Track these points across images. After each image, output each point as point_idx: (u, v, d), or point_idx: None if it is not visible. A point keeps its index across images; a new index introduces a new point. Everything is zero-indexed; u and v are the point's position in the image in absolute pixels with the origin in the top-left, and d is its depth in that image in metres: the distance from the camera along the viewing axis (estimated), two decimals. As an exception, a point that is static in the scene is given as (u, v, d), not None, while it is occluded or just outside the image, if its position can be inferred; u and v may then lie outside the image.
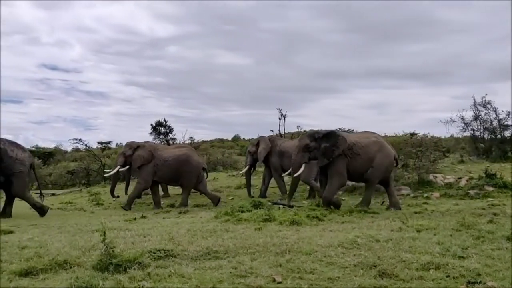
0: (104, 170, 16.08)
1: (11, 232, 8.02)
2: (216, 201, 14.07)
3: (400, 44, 64.26)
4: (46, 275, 4.70)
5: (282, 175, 14.45)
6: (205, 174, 14.76)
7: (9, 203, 12.14)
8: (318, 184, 13.34)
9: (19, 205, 14.24)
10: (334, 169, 11.22)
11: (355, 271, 4.78)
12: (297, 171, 11.60)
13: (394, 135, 24.72)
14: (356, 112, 62.99)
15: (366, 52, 66.24)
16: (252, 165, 16.78)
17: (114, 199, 14.91)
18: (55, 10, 65.80)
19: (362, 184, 15.41)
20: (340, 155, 11.12)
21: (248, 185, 16.37)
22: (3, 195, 12.59)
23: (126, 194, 14.62)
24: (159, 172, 13.90)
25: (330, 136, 11.28)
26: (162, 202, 14.57)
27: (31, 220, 10.67)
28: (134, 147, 14.16)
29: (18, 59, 65.50)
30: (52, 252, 5.63)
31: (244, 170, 16.66)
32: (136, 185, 14.09)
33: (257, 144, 16.16)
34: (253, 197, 15.49)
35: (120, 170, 14.60)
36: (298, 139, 13.01)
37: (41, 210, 12.10)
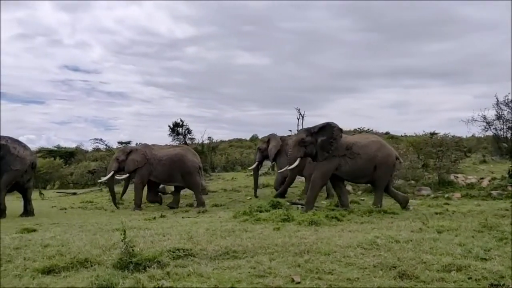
0: (101, 178, 16.17)
1: (34, 230, 8.18)
2: (202, 204, 13.95)
3: (420, 43, 63.47)
4: (68, 273, 4.78)
5: (279, 171, 14.32)
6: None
7: (28, 202, 12.39)
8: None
9: (41, 204, 14.52)
10: (321, 170, 11.18)
11: (374, 272, 4.74)
12: (292, 165, 11.70)
13: (414, 134, 24.54)
14: (376, 111, 62.47)
15: (386, 51, 65.67)
16: (261, 162, 16.71)
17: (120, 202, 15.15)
18: (76, 13, 66.91)
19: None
20: (334, 156, 11.07)
21: (255, 183, 16.20)
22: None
23: (121, 198, 15.08)
24: (155, 171, 14.05)
25: (326, 129, 11.26)
26: (181, 202, 14.67)
27: (53, 219, 10.85)
28: (127, 152, 14.38)
29: (41, 60, 66.85)
30: (73, 251, 5.71)
31: (253, 166, 16.56)
32: (135, 187, 14.30)
33: (268, 141, 16.06)
34: (257, 197, 15.48)
35: (119, 178, 14.97)
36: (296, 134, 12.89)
37: (1, 212, 11.85)
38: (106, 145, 27.26)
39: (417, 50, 62.24)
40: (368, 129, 26.74)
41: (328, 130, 11.18)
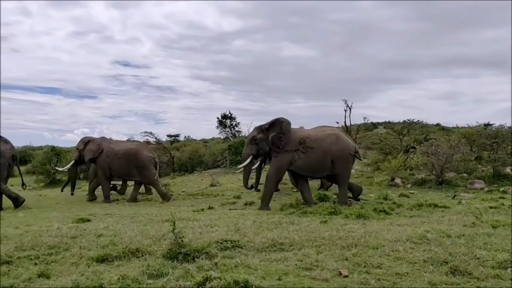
0: (58, 168, 16.76)
1: (89, 220, 8.54)
2: (133, 199, 14.36)
3: (473, 30, 60.89)
4: (120, 262, 4.96)
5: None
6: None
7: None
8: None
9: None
10: (274, 166, 11.02)
11: (424, 267, 4.63)
12: (243, 163, 11.77)
13: (466, 126, 23.72)
14: (426, 102, 60.71)
15: (436, 40, 63.40)
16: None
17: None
18: (127, 9, 68.83)
19: (432, 177, 14.91)
20: (286, 151, 10.79)
21: (257, 178, 15.60)
22: None
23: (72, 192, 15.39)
24: (112, 165, 14.50)
25: (275, 124, 11.10)
26: (229, 193, 14.82)
27: (106, 210, 11.26)
28: (85, 142, 14.89)
29: (93, 56, 69.43)
30: (125, 241, 5.91)
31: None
32: (100, 180, 14.73)
33: None
34: (258, 190, 15.08)
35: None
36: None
37: (16, 201, 12.32)
38: (156, 138, 27.84)
39: (470, 38, 59.77)
40: (417, 121, 26.01)
41: (277, 125, 11.02)
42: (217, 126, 32.37)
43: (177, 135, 35.87)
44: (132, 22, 69.47)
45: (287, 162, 10.83)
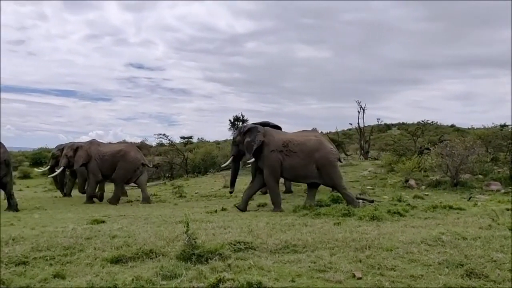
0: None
1: (103, 221, 8.60)
2: (147, 200, 14.53)
3: (490, 30, 60.22)
4: (134, 263, 4.98)
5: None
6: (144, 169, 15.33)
7: (9, 197, 12.18)
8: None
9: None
10: (267, 168, 10.96)
11: (439, 270, 4.58)
12: (225, 163, 12.19)
13: (482, 127, 23.49)
14: (441, 103, 60.27)
15: (452, 41, 63.00)
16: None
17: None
18: (141, 12, 69.54)
19: (447, 178, 14.80)
20: (273, 151, 10.84)
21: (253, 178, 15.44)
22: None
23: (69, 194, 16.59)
24: (102, 168, 14.74)
25: (251, 131, 11.24)
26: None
27: (120, 211, 11.33)
28: (74, 148, 15.12)
29: (107, 59, 70.30)
30: (139, 242, 5.94)
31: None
32: (89, 180, 15.00)
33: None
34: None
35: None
36: None
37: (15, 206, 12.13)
38: (169, 140, 28.02)
39: (487, 38, 59.10)
40: (432, 122, 25.86)
41: (253, 133, 11.16)
42: (230, 128, 32.53)
43: (191, 137, 36.15)
44: (145, 25, 70.46)
45: (277, 160, 10.89)
